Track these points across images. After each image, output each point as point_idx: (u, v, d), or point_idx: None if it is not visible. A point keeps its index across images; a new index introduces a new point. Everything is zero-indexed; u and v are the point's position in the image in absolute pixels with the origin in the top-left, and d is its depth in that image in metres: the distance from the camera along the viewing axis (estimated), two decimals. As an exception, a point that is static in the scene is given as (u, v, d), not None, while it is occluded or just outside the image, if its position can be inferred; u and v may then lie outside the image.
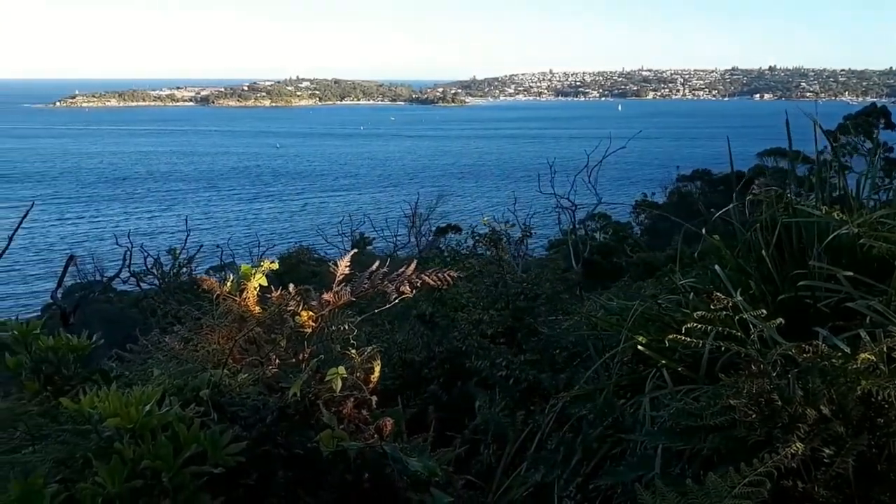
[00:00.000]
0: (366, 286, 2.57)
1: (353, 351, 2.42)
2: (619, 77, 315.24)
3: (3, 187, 76.20)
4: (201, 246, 24.15)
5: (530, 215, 19.38)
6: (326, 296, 2.40)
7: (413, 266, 2.55)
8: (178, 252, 21.74)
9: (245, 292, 2.43)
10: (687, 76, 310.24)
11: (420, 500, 1.99)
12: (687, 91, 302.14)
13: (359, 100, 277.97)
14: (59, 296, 16.10)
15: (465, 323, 4.30)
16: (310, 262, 23.51)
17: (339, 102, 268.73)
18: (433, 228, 28.08)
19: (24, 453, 2.02)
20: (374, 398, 2.15)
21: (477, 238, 6.49)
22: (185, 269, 21.77)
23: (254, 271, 2.50)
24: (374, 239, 28.89)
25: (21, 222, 16.05)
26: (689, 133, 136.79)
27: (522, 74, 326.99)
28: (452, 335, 4.85)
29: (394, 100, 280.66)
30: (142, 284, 20.53)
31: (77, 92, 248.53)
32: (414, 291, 2.51)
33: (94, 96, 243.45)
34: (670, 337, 2.12)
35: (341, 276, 2.59)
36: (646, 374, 2.52)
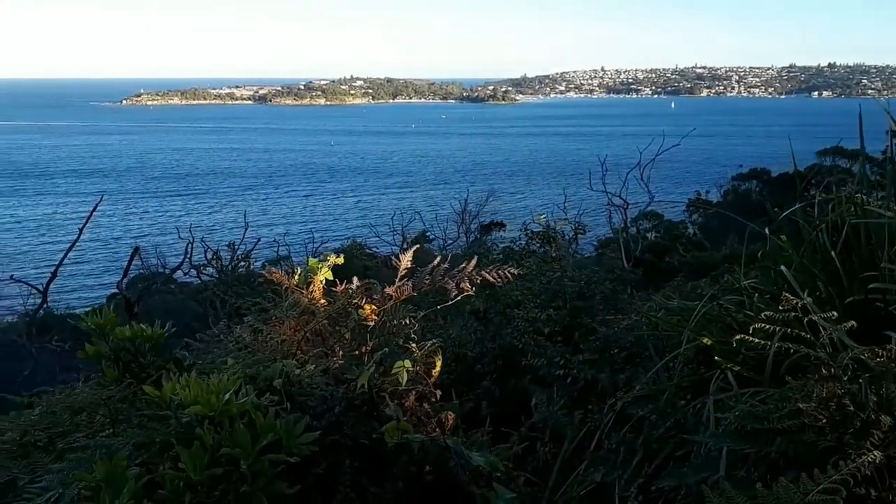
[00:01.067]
0: (427, 282, 2.61)
1: (414, 345, 2.46)
2: (672, 74, 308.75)
3: (73, 182, 79.37)
4: (258, 240, 24.65)
5: (580, 213, 19.18)
6: (389, 290, 2.45)
7: (473, 263, 2.58)
8: (235, 246, 22.33)
9: (312, 285, 2.50)
10: (742, 73, 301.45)
11: (482, 495, 2.02)
12: (742, 89, 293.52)
13: (410, 98, 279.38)
14: (124, 286, 16.68)
15: (520, 321, 4.30)
16: (362, 257, 23.79)
17: (391, 101, 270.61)
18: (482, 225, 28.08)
19: (103, 436, 2.12)
20: (438, 392, 2.19)
21: (530, 235, 6.47)
22: (242, 263, 22.32)
23: (320, 265, 2.56)
24: (426, 233, 29.01)
25: (91, 215, 16.69)
26: (744, 131, 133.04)
27: (574, 72, 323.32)
28: (506, 332, 4.86)
29: (445, 98, 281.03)
30: (202, 276, 21.11)
31: (142, 91, 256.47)
32: (473, 288, 2.54)
33: (158, 95, 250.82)
34: (737, 337, 2.10)
35: (403, 272, 2.63)
36: (709, 376, 2.49)
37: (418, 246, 2.64)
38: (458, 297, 2.62)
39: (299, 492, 1.68)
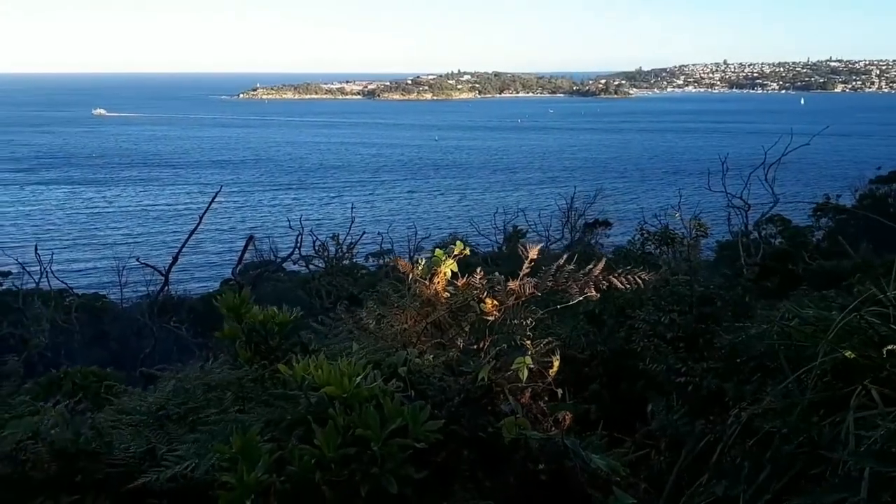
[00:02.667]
0: (550, 282, 2.57)
1: (529, 342, 2.44)
2: (802, 68, 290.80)
3: (194, 172, 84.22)
4: (363, 233, 25.26)
5: (697, 214, 18.47)
6: (512, 285, 2.43)
7: (601, 265, 2.51)
8: (340, 238, 23.04)
9: (435, 277, 2.51)
10: (884, 67, 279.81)
11: (600, 498, 1.97)
12: (883, 84, 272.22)
13: (517, 93, 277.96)
14: (237, 273, 17.54)
15: (641, 323, 4.18)
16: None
17: (497, 95, 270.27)
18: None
19: (233, 411, 2.23)
20: (560, 391, 2.15)
21: (646, 235, 6.26)
22: (347, 255, 23.00)
23: (445, 257, 2.57)
24: (527, 232, 28.80)
25: (210, 205, 17.61)
26: (885, 130, 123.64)
27: (693, 65, 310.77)
28: (618, 334, 4.74)
29: (553, 92, 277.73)
30: (309, 267, 21.88)
31: (258, 85, 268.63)
32: (598, 295, 2.48)
33: (272, 89, 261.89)
34: (889, 348, 1.95)
35: (527, 268, 2.60)
36: (847, 392, 2.32)
37: (542, 245, 2.59)
38: (580, 299, 2.57)
39: (418, 478, 1.69)
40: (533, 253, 2.62)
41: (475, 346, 2.42)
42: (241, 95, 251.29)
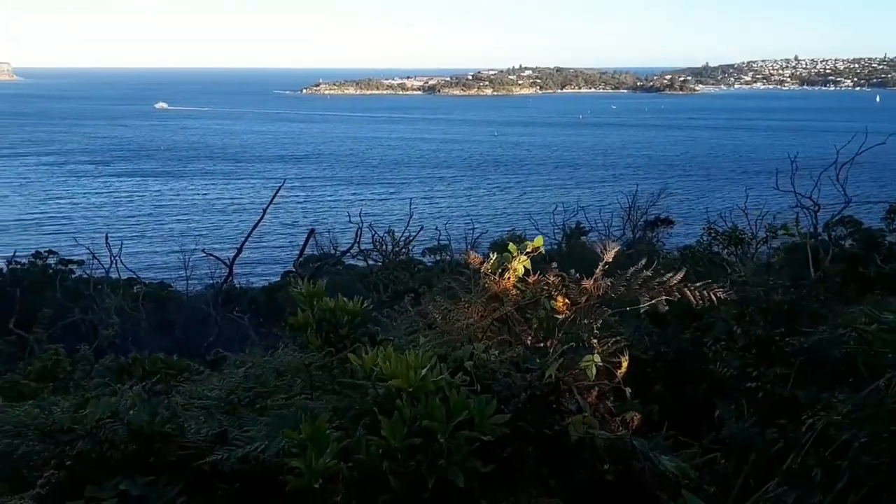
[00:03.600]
0: (622, 288, 2.52)
1: (596, 341, 2.40)
2: (879, 64, 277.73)
3: (257, 167, 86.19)
4: (421, 228, 25.38)
5: (763, 214, 17.89)
6: (587, 284, 2.39)
7: (679, 276, 2.45)
8: (394, 233, 23.27)
9: (506, 272, 2.50)
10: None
11: (668, 501, 1.93)
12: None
13: (580, 88, 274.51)
14: (298, 265, 17.89)
15: (713, 325, 4.07)
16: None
17: (559, 91, 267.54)
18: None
19: (301, 398, 2.27)
20: (629, 390, 2.12)
21: (713, 235, 6.09)
22: (404, 249, 23.20)
23: (518, 253, 2.54)
24: (588, 231, 28.43)
25: (273, 198, 17.92)
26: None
27: (762, 61, 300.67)
28: (684, 336, 4.63)
29: (616, 88, 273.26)
30: (368, 260, 22.13)
31: (320, 80, 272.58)
32: (668, 307, 2.43)
33: (334, 84, 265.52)
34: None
35: (602, 269, 2.56)
36: (933, 401, 2.22)
37: (618, 247, 2.54)
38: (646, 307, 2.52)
39: (482, 472, 1.69)
40: (609, 256, 2.58)
41: (542, 344, 2.40)
42: (304, 91, 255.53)
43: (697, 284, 2.41)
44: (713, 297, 2.39)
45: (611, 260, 2.45)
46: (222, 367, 5.36)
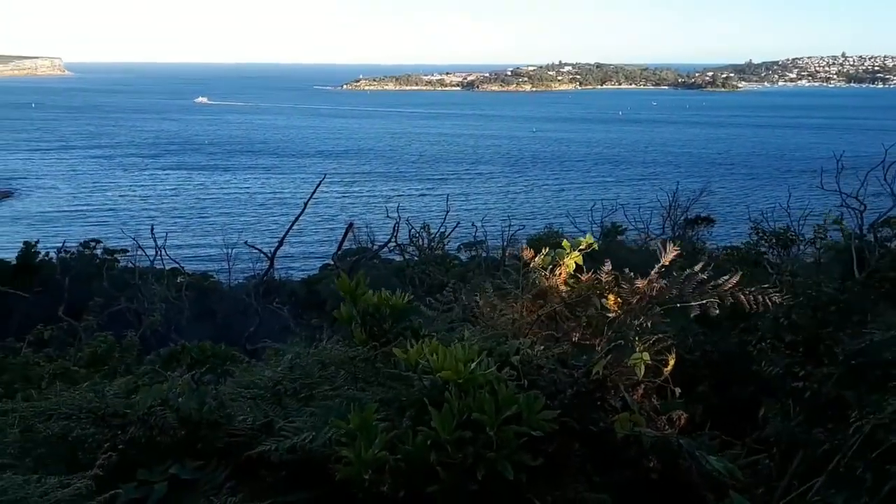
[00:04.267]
0: (675, 292, 2.48)
1: (642, 340, 2.38)
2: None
3: (298, 161, 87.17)
4: (458, 223, 25.37)
5: (806, 214, 17.48)
6: (641, 283, 2.37)
7: (735, 280, 2.40)
8: (430, 228, 23.35)
9: (557, 269, 2.49)
10: None
11: (713, 501, 1.91)
12: None
13: (620, 84, 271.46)
14: (336, 258, 18.04)
15: (761, 324, 4.00)
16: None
17: (598, 87, 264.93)
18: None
19: (346, 389, 2.29)
20: (678, 389, 2.10)
21: (760, 234, 5.97)
22: (440, 244, 23.25)
23: (571, 250, 2.53)
24: (625, 229, 28.11)
25: (314, 192, 18.13)
26: None
27: (808, 58, 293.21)
28: (731, 337, 4.56)
29: (657, 84, 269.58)
30: (404, 255, 22.22)
31: (361, 76, 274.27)
32: (717, 311, 2.40)
33: (374, 80, 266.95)
34: None
35: (658, 270, 2.52)
36: None
37: (678, 251, 2.51)
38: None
39: (528, 467, 1.69)
40: (667, 259, 2.54)
41: (590, 342, 2.39)
42: (345, 86, 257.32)
43: (752, 289, 2.37)
44: (768, 301, 2.34)
45: (668, 263, 2.42)
46: (262, 357, 5.47)
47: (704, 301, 2.34)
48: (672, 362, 2.23)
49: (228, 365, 3.80)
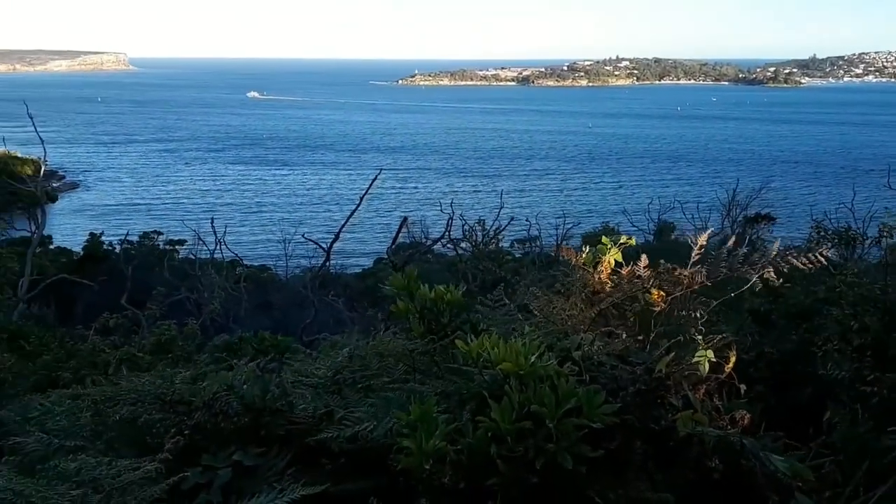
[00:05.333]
0: (723, 268, 2.46)
1: (700, 337, 2.34)
2: None
3: (353, 156, 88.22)
4: (511, 219, 25.31)
5: (871, 214, 16.86)
6: (681, 272, 2.34)
7: (776, 246, 2.38)
8: (485, 223, 23.33)
9: (600, 265, 2.49)
10: None
11: (779, 503, 1.87)
12: None
13: (678, 80, 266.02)
14: (391, 252, 18.23)
15: (828, 326, 3.89)
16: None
17: (657, 82, 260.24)
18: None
19: (406, 382, 2.33)
20: (742, 387, 2.06)
21: (822, 233, 5.79)
22: (493, 240, 23.23)
23: (610, 246, 2.53)
24: (674, 228, 27.59)
25: (370, 186, 18.30)
26: None
27: (875, 53, 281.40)
28: (791, 337, 4.45)
29: (717, 80, 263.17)
30: (457, 250, 22.29)
31: (416, 72, 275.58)
32: (780, 280, 2.35)
33: (429, 76, 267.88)
34: None
35: (696, 256, 2.51)
36: None
37: (711, 230, 2.49)
38: (744, 288, 2.44)
39: (590, 463, 1.69)
40: (702, 239, 2.51)
41: (640, 338, 2.37)
42: (400, 82, 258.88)
43: (800, 250, 2.33)
44: (821, 259, 2.29)
45: (705, 243, 2.38)
46: (317, 348, 5.57)
47: (761, 271, 2.28)
48: (733, 359, 2.19)
49: (288, 356, 3.88)
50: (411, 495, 1.80)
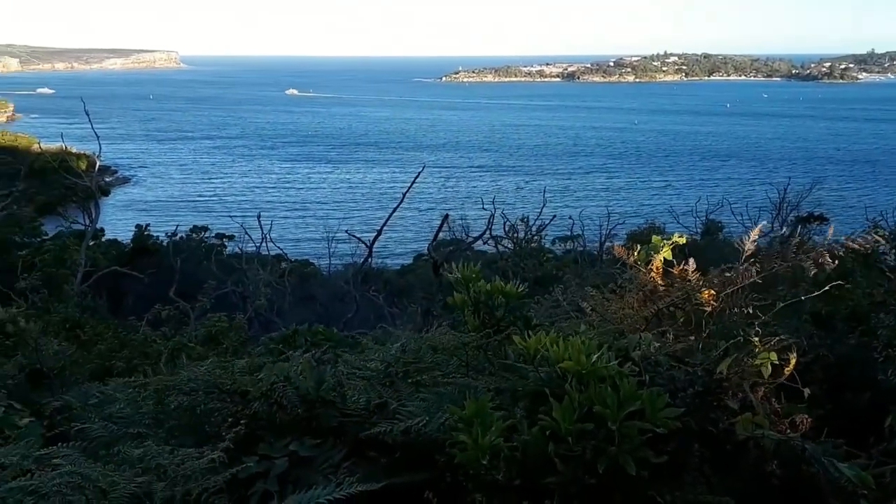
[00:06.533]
0: (777, 259, 2.40)
1: (756, 338, 2.29)
2: None
3: (396, 153, 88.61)
4: (554, 216, 25.10)
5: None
6: (731, 272, 2.30)
7: (831, 230, 2.32)
8: (528, 221, 23.18)
9: (652, 264, 2.45)
10: None
11: (845, 511, 1.83)
12: None
13: (728, 75, 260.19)
14: (432, 249, 18.28)
15: (887, 328, 3.76)
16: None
17: (705, 78, 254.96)
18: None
19: (457, 377, 2.33)
20: (806, 391, 2.02)
21: (879, 234, 5.56)
22: (535, 237, 23.07)
23: (662, 244, 2.50)
24: (722, 228, 26.96)
25: (412, 183, 18.37)
26: None
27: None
28: (849, 340, 4.32)
29: (769, 75, 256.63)
30: (498, 247, 22.22)
31: (460, 68, 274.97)
32: (836, 262, 2.29)
33: (473, 72, 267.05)
34: None
35: (748, 253, 2.46)
36: None
37: (764, 223, 2.44)
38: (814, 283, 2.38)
39: (650, 464, 1.67)
40: (755, 233, 2.47)
41: (692, 337, 2.33)
42: (444, 78, 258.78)
43: (854, 234, 2.27)
44: (878, 238, 2.23)
45: (757, 237, 2.34)
46: (359, 341, 5.62)
47: (818, 258, 2.23)
48: (793, 361, 2.14)
49: (340, 348, 3.93)
50: (458, 491, 1.80)
